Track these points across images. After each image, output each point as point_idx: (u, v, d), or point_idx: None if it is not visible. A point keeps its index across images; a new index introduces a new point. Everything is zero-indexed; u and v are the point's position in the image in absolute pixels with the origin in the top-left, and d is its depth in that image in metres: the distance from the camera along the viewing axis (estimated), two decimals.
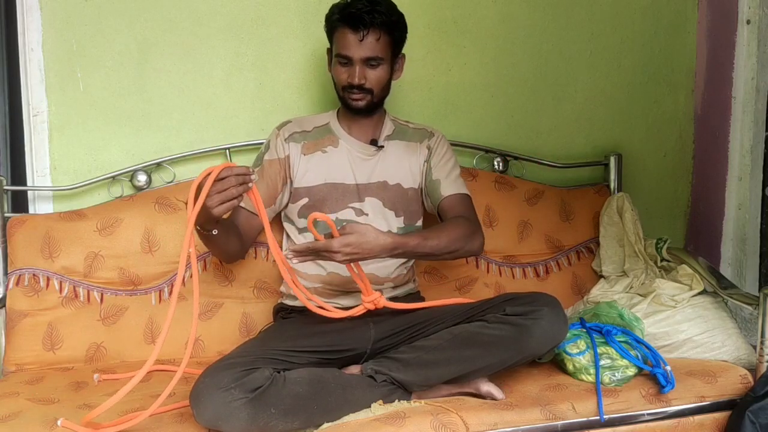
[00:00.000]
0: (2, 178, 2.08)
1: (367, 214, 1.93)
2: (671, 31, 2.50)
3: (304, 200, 1.94)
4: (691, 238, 2.58)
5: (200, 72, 2.23)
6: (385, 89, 1.95)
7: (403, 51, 1.92)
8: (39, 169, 2.16)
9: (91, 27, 2.15)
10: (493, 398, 1.70)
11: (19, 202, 2.21)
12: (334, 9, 1.89)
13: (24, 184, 2.20)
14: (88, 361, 2.01)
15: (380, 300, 1.75)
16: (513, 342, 1.67)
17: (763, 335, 1.78)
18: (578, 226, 2.33)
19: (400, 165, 1.99)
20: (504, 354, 1.69)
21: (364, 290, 1.75)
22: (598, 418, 1.69)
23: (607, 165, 2.42)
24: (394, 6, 1.90)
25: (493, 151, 2.37)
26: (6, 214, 2.07)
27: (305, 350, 1.75)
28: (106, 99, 2.18)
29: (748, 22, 2.29)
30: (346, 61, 1.87)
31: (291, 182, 1.96)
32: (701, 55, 2.50)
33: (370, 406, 1.67)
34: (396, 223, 1.96)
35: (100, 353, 2.02)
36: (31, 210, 2.18)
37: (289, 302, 1.96)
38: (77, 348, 2.01)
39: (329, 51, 1.96)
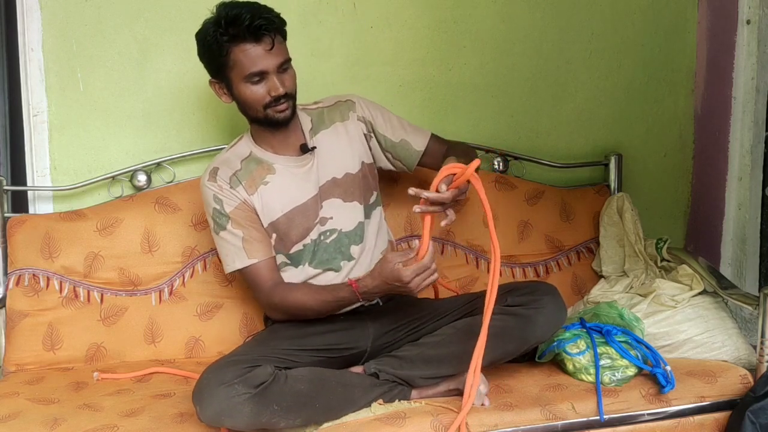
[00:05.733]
0: (2, 178, 2.08)
1: (331, 218, 1.86)
2: (671, 31, 2.50)
3: (273, 236, 1.84)
4: (691, 238, 2.58)
5: (200, 72, 2.21)
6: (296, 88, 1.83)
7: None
8: (39, 169, 2.17)
9: (91, 27, 2.15)
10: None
11: (19, 202, 2.21)
12: (213, 34, 1.72)
13: (24, 184, 2.20)
14: (88, 362, 2.01)
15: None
16: (517, 332, 1.69)
17: (763, 335, 1.78)
18: (578, 226, 2.33)
19: (338, 154, 1.89)
20: (509, 345, 1.71)
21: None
22: (598, 418, 1.69)
23: (607, 165, 2.42)
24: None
25: (493, 151, 2.36)
26: (6, 214, 2.07)
27: (306, 349, 1.76)
28: (106, 99, 2.18)
29: (748, 22, 2.29)
30: (259, 78, 1.73)
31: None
32: (701, 55, 2.49)
33: (371, 405, 1.67)
34: (361, 209, 1.90)
35: (100, 353, 2.02)
36: (31, 210, 2.18)
37: None
38: (77, 348, 2.01)
39: (216, 82, 1.81)
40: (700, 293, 2.02)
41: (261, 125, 1.84)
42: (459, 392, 1.73)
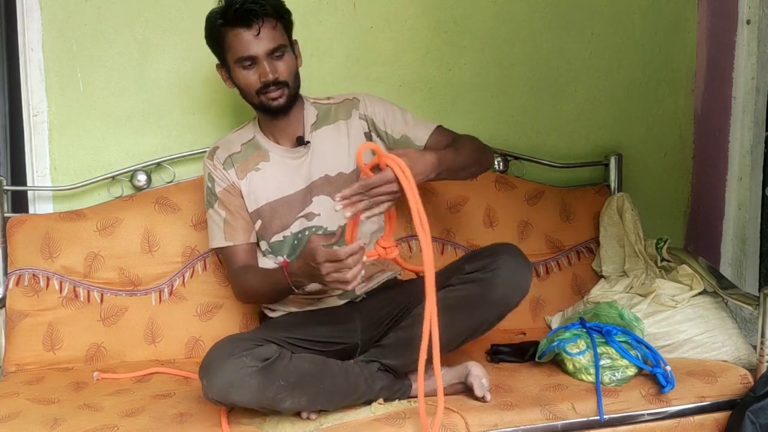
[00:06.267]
0: (2, 178, 2.08)
1: (319, 214, 1.87)
2: (671, 31, 2.50)
3: (258, 222, 1.89)
4: (691, 238, 2.58)
5: (200, 72, 2.23)
6: (297, 78, 1.84)
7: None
8: (39, 169, 2.17)
9: (91, 27, 2.15)
10: (473, 391, 1.68)
11: (19, 202, 2.21)
12: (213, 19, 1.79)
13: (24, 184, 2.20)
14: (88, 361, 2.01)
15: (393, 251, 1.65)
16: (478, 298, 1.65)
17: (763, 335, 1.78)
18: (578, 226, 2.33)
19: (335, 152, 1.89)
20: (474, 313, 1.67)
21: (386, 237, 1.65)
22: (598, 418, 1.69)
23: (607, 165, 2.42)
24: None
25: (493, 151, 2.36)
26: (6, 214, 2.07)
27: (303, 339, 1.77)
28: (106, 99, 2.19)
29: (748, 22, 2.29)
30: (250, 62, 1.77)
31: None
32: (701, 55, 2.50)
33: (372, 396, 1.68)
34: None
35: (100, 353, 2.02)
36: (31, 210, 2.18)
37: (269, 312, 1.95)
38: (77, 348, 2.01)
39: (220, 66, 1.86)
40: (700, 293, 2.02)
41: (260, 112, 1.87)
42: (464, 387, 1.73)
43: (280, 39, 1.78)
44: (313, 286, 1.72)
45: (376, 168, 1.58)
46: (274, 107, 1.81)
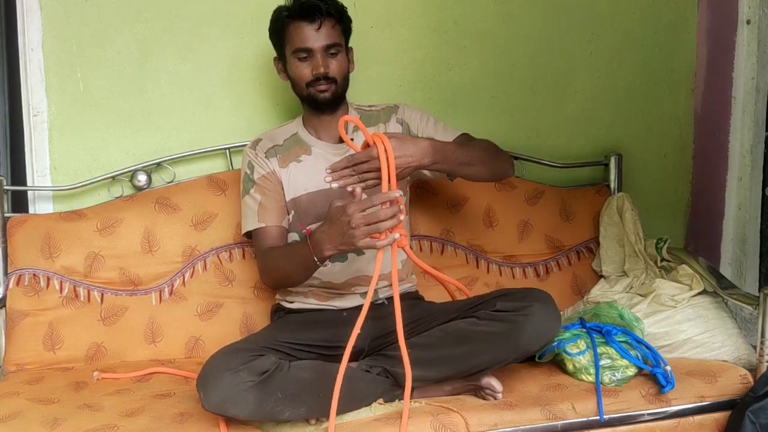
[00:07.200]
0: (2, 178, 2.08)
1: None
2: (671, 31, 2.50)
3: (292, 213, 1.92)
4: (691, 238, 2.58)
5: (200, 72, 2.23)
6: (347, 79, 1.93)
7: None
8: (39, 169, 2.17)
9: (91, 27, 2.15)
10: (493, 390, 1.69)
11: (19, 202, 2.21)
12: (279, 12, 1.89)
13: (24, 184, 2.20)
14: (89, 361, 2.01)
15: (404, 240, 1.60)
16: (504, 339, 1.65)
17: (763, 335, 1.78)
18: (578, 226, 2.33)
19: None
20: (496, 351, 1.67)
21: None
22: (598, 418, 1.69)
23: (607, 165, 2.42)
24: None
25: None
26: (6, 214, 2.07)
27: (306, 343, 1.77)
28: (106, 99, 2.19)
29: (748, 22, 2.29)
30: (306, 55, 1.85)
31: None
32: (701, 55, 2.50)
33: (373, 402, 1.67)
34: None
35: (101, 353, 2.02)
36: (31, 210, 2.18)
37: (286, 304, 1.96)
38: (77, 348, 2.01)
39: (277, 59, 1.95)
40: (700, 293, 2.02)
41: (307, 105, 1.94)
42: (473, 387, 1.73)
43: (337, 38, 1.87)
44: (332, 274, 1.71)
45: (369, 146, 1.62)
46: (321, 99, 1.88)
